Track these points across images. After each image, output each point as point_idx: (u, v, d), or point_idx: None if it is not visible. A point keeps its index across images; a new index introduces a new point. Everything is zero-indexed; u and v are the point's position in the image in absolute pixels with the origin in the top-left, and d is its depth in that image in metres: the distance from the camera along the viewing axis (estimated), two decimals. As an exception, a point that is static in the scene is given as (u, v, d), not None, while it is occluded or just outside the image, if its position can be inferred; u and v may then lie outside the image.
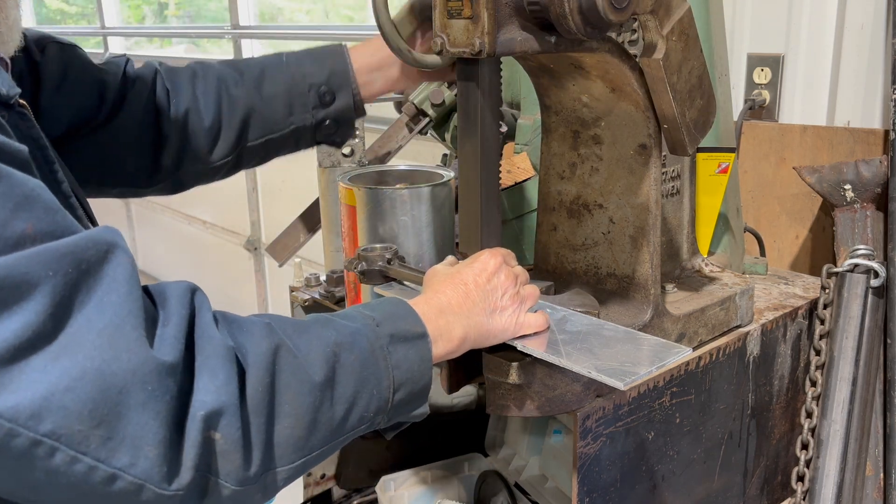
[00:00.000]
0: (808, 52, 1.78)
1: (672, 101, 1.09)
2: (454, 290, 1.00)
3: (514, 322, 1.01)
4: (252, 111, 1.28)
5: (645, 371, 0.93)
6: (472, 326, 0.98)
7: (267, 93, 1.28)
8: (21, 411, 0.64)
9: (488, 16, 0.94)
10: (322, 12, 4.02)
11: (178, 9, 5.02)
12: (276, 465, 0.79)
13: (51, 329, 0.66)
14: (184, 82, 1.28)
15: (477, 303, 0.99)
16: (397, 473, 1.71)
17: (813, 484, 1.38)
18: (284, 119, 1.29)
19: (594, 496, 1.12)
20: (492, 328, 1.00)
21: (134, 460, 0.69)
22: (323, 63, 1.29)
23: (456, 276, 1.02)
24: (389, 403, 0.89)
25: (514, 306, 1.02)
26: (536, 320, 1.03)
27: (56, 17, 6.48)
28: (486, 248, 1.07)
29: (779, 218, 1.84)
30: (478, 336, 0.99)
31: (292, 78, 1.28)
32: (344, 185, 1.31)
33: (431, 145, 2.48)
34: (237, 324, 0.82)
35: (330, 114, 1.30)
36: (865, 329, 1.42)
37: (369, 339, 0.88)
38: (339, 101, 1.29)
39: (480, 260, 1.03)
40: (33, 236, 0.67)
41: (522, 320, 1.02)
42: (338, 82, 1.28)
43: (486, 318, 1.00)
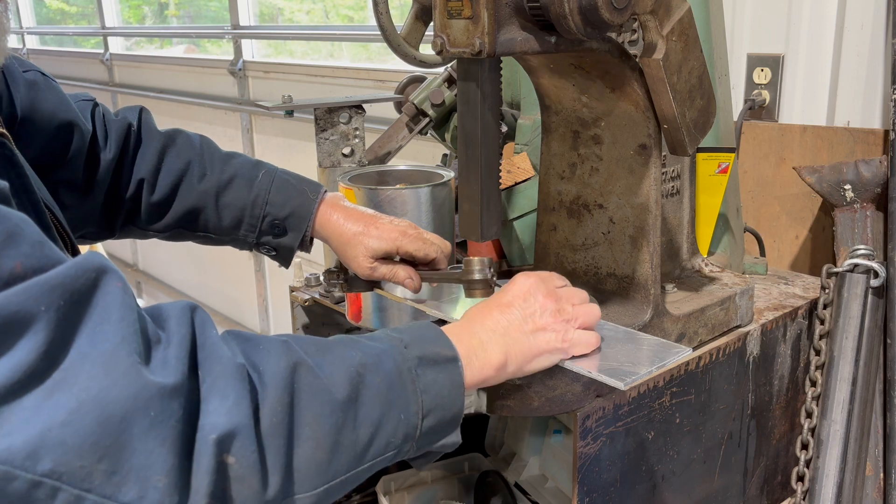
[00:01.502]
0: (808, 52, 1.79)
1: (672, 101, 1.09)
2: (489, 312, 0.96)
3: (561, 340, 0.97)
4: (201, 209, 1.25)
5: (645, 371, 0.93)
6: (512, 346, 0.94)
7: (223, 202, 1.25)
8: (15, 452, 0.60)
9: (488, 16, 0.94)
10: (322, 12, 4.02)
11: (178, 9, 5.02)
12: (296, 492, 0.75)
13: (44, 366, 0.62)
14: (153, 151, 1.26)
15: (514, 322, 0.95)
16: (397, 473, 1.71)
17: (813, 484, 1.38)
18: (229, 230, 1.26)
19: (594, 496, 1.12)
20: (535, 347, 0.95)
21: (143, 493, 0.64)
22: (288, 201, 1.24)
23: (490, 301, 0.99)
24: (418, 430, 0.85)
25: (559, 323, 0.97)
26: (588, 338, 0.99)
27: (56, 17, 6.48)
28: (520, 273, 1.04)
29: (779, 218, 1.84)
30: (521, 358, 0.95)
31: (253, 200, 1.24)
32: (344, 185, 1.31)
33: (431, 145, 2.48)
34: (252, 342, 0.78)
35: (272, 242, 1.26)
36: (865, 329, 1.42)
37: (396, 361, 0.84)
38: (287, 238, 1.25)
39: (513, 282, 1.00)
40: (23, 274, 0.64)
41: (571, 337, 0.98)
42: (294, 223, 1.24)
43: (527, 336, 0.95)
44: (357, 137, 1.50)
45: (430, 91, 1.59)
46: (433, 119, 1.61)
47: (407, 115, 1.63)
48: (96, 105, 1.31)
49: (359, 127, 1.49)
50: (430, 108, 1.60)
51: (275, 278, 4.15)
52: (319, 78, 3.43)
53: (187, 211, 1.25)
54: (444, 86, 1.59)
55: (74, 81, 5.60)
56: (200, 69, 4.28)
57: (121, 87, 5.09)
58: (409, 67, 1.55)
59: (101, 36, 5.24)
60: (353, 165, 1.50)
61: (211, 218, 1.26)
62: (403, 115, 1.64)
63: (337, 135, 1.48)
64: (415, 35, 1.51)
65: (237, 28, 3.89)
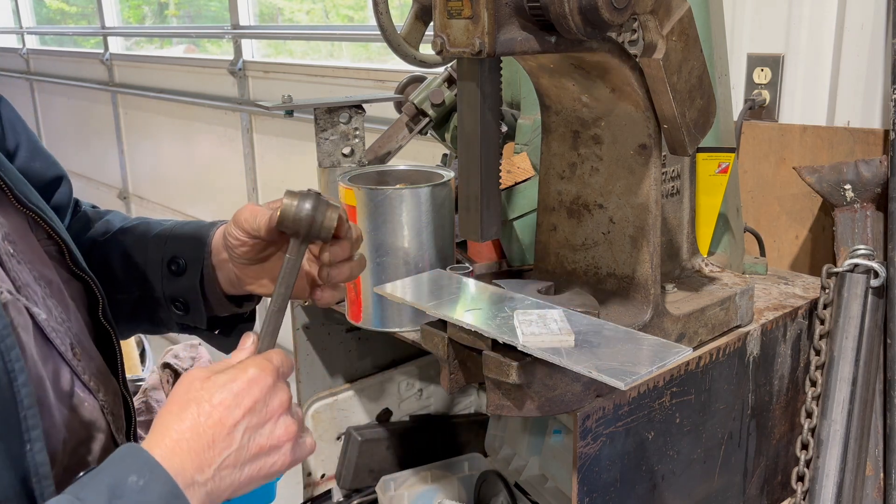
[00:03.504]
0: (808, 52, 1.78)
1: (672, 101, 1.09)
2: (200, 451, 0.77)
3: (291, 461, 0.82)
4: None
5: (645, 371, 0.93)
6: (218, 491, 0.77)
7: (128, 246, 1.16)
8: None
9: (488, 16, 0.94)
10: (322, 12, 4.02)
11: (178, 9, 5.02)
12: None
13: None
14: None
15: (231, 454, 0.78)
16: (397, 473, 1.71)
17: (813, 484, 1.38)
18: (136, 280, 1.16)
19: (594, 496, 1.12)
20: (253, 476, 0.80)
21: None
22: (188, 232, 1.15)
23: (202, 402, 0.78)
24: None
25: (290, 442, 0.82)
26: (311, 448, 0.86)
27: (56, 17, 6.48)
28: (255, 355, 0.85)
29: (779, 218, 1.84)
30: (220, 499, 0.79)
31: (155, 236, 1.16)
32: (344, 185, 1.31)
33: (431, 145, 2.48)
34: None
35: (175, 287, 1.13)
36: (865, 329, 1.42)
37: None
38: (188, 275, 1.12)
39: (242, 378, 0.80)
40: None
41: (298, 455, 0.83)
42: (193, 252, 1.12)
43: (245, 467, 0.79)
44: (357, 137, 1.50)
45: (430, 91, 1.59)
46: (433, 119, 1.61)
47: (407, 115, 1.63)
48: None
49: (359, 127, 1.49)
50: (430, 108, 1.60)
51: (275, 278, 4.15)
52: (319, 78, 3.43)
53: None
54: (444, 86, 1.59)
55: (74, 81, 5.60)
56: (200, 69, 4.28)
57: (121, 87, 5.08)
58: (409, 67, 1.55)
59: (101, 36, 5.24)
60: (353, 165, 1.50)
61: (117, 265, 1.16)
62: (403, 115, 1.64)
63: (337, 135, 1.48)
64: (415, 35, 1.51)
65: (237, 28, 3.89)
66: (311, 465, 1.73)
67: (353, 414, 1.75)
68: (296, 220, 0.93)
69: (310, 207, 0.93)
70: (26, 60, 6.37)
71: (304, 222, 0.93)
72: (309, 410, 1.68)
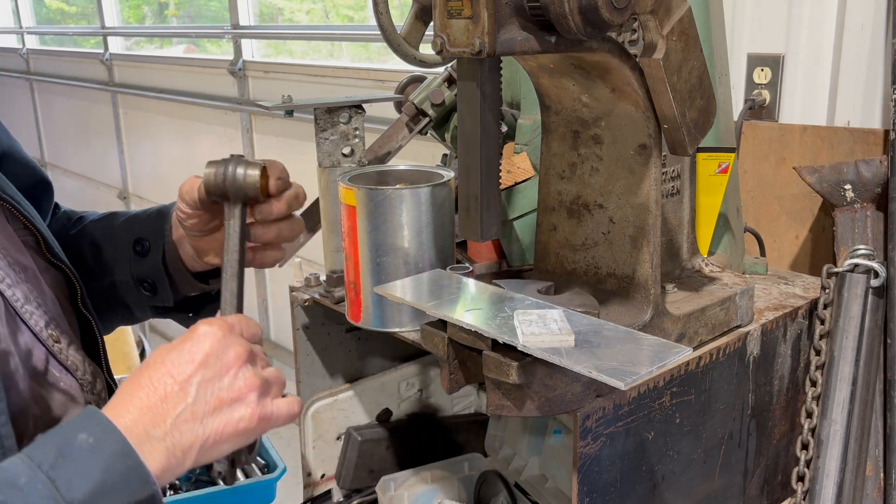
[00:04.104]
0: (808, 52, 1.78)
1: (672, 101, 1.09)
2: (154, 405, 0.76)
3: (258, 418, 0.80)
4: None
5: (645, 371, 0.93)
6: (177, 446, 0.76)
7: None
8: None
9: (488, 16, 0.94)
10: (322, 12, 4.02)
11: (178, 9, 5.02)
12: None
13: None
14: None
15: (187, 408, 0.77)
16: (397, 473, 1.71)
17: (813, 484, 1.38)
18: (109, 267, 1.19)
19: (594, 496, 1.12)
20: (217, 433, 0.78)
21: None
22: (151, 212, 1.20)
23: (156, 366, 0.79)
24: None
25: (254, 393, 0.80)
26: (289, 407, 0.83)
27: (56, 17, 6.48)
28: (210, 319, 0.83)
29: (779, 218, 1.84)
30: (193, 454, 0.77)
31: (123, 223, 1.21)
32: (344, 185, 1.31)
33: (431, 145, 2.48)
34: None
35: (142, 268, 1.15)
36: (865, 329, 1.42)
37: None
38: (151, 255, 1.15)
39: (192, 337, 0.80)
40: None
41: (270, 411, 0.81)
42: (155, 232, 1.16)
43: (206, 421, 0.77)
44: (357, 137, 1.49)
45: (430, 91, 1.59)
46: (433, 119, 1.61)
47: (407, 115, 1.62)
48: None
49: (359, 127, 1.49)
50: (430, 108, 1.60)
51: (275, 278, 4.16)
52: (319, 78, 3.43)
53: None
54: (444, 86, 1.59)
55: (74, 81, 5.60)
56: (200, 69, 4.28)
57: (121, 87, 5.09)
58: (409, 67, 1.55)
59: (101, 36, 5.24)
60: (353, 165, 1.50)
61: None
62: (403, 115, 1.64)
63: (337, 135, 1.48)
64: (415, 35, 1.51)
65: (237, 28, 3.89)
66: (311, 465, 1.73)
67: (353, 414, 1.75)
68: (217, 185, 0.97)
69: (229, 171, 0.98)
70: (26, 60, 6.37)
71: (227, 183, 0.97)
72: (309, 410, 1.68)
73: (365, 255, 1.30)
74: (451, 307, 1.11)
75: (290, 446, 3.95)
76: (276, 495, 2.03)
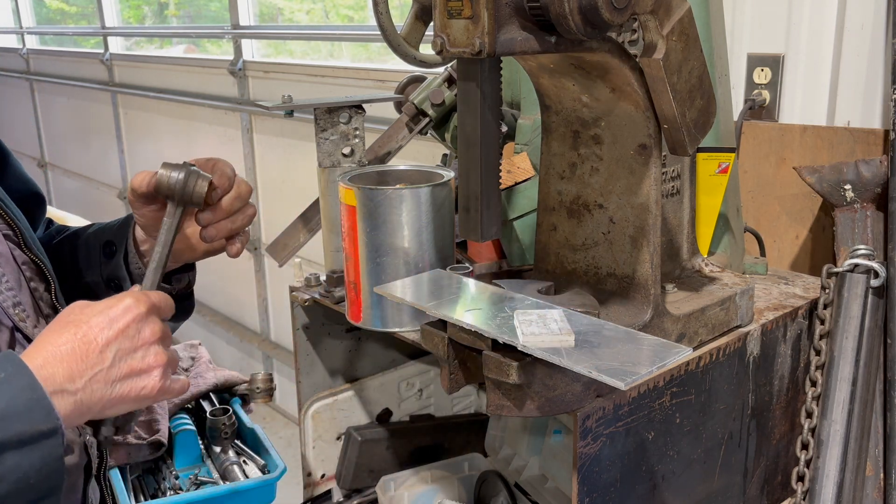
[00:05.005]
0: (808, 52, 1.78)
1: (672, 101, 1.09)
2: (74, 356, 0.84)
3: (159, 390, 0.89)
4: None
5: (645, 371, 0.93)
6: (86, 402, 0.84)
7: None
8: None
9: (488, 16, 0.94)
10: (322, 12, 4.02)
11: (178, 9, 5.03)
12: None
13: None
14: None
15: (102, 370, 0.85)
16: (397, 473, 1.71)
17: (813, 484, 1.38)
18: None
19: (594, 496, 1.12)
20: (119, 397, 0.87)
21: None
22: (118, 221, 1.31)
23: (80, 324, 0.86)
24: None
25: (159, 369, 0.89)
26: (182, 386, 0.94)
27: (56, 17, 6.48)
28: (134, 292, 0.93)
29: (779, 218, 1.84)
30: (91, 412, 0.85)
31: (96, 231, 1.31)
32: (344, 185, 1.31)
33: (431, 145, 2.48)
34: None
35: (109, 268, 1.25)
36: (865, 329, 1.42)
37: None
38: (117, 256, 1.26)
39: (119, 306, 0.89)
40: None
41: (168, 385, 0.90)
42: (120, 233, 1.27)
43: (114, 385, 0.86)
44: (357, 137, 1.49)
45: (430, 91, 1.59)
46: (433, 119, 1.61)
47: (407, 115, 1.62)
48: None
49: (359, 127, 1.49)
50: (430, 108, 1.60)
51: (275, 278, 4.16)
52: (319, 78, 3.43)
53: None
54: (444, 86, 1.59)
55: (74, 81, 5.60)
56: (200, 69, 4.28)
57: (121, 87, 5.09)
58: (409, 67, 1.55)
59: (101, 36, 5.24)
60: (353, 165, 1.50)
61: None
62: (403, 115, 1.64)
63: (337, 135, 1.48)
64: (415, 35, 1.51)
65: (237, 28, 3.89)
66: (311, 465, 1.73)
67: (353, 414, 1.75)
68: (169, 187, 1.09)
69: (182, 177, 1.09)
70: (26, 60, 6.38)
71: (176, 189, 1.09)
72: (309, 410, 1.68)
73: (365, 255, 1.30)
74: (451, 307, 1.11)
75: (290, 446, 3.95)
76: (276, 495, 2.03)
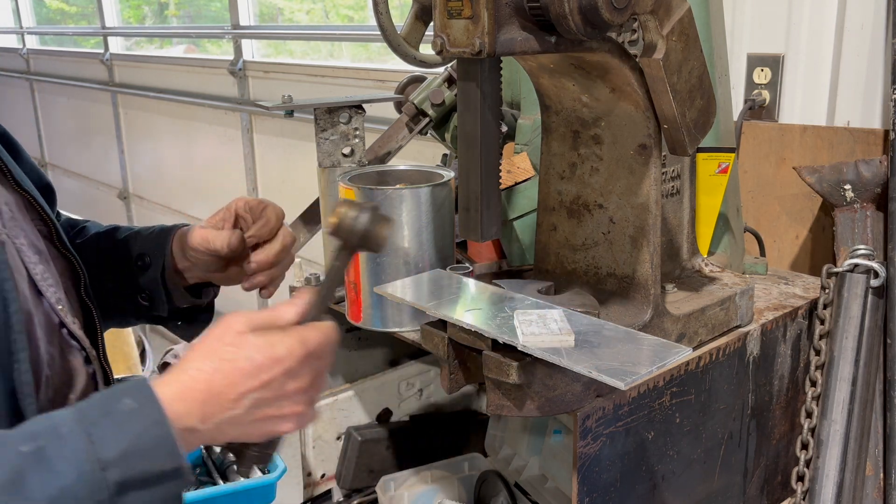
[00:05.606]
0: (808, 52, 1.78)
1: (672, 101, 1.09)
2: (229, 387, 0.80)
3: (290, 431, 0.86)
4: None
5: (645, 371, 0.93)
6: (224, 434, 0.82)
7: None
8: None
9: (488, 16, 0.94)
10: (322, 12, 4.02)
11: (178, 9, 5.03)
12: None
13: None
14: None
15: (250, 408, 0.81)
16: (397, 473, 1.71)
17: (813, 484, 1.38)
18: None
19: (594, 496, 1.12)
20: (256, 434, 0.84)
21: None
22: (153, 231, 1.29)
23: (224, 361, 0.81)
24: None
25: (297, 417, 0.85)
26: (313, 415, 0.89)
27: (56, 17, 6.48)
28: (293, 330, 0.85)
29: (779, 218, 1.84)
30: (227, 438, 0.84)
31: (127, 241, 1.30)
32: (344, 185, 1.31)
33: (431, 145, 2.48)
34: None
35: (144, 281, 1.24)
36: (865, 329, 1.42)
37: (80, 499, 0.70)
38: (152, 269, 1.24)
39: (270, 353, 0.82)
40: None
41: (302, 426, 0.86)
42: (156, 247, 1.25)
43: (258, 424, 0.83)
44: (357, 137, 1.49)
45: (430, 91, 1.59)
46: (433, 119, 1.61)
47: (407, 115, 1.63)
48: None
49: (359, 127, 1.49)
50: (430, 108, 1.60)
51: (275, 278, 4.14)
52: (319, 78, 3.43)
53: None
54: (444, 86, 1.59)
55: (74, 81, 5.60)
56: (200, 69, 4.28)
57: (121, 87, 5.09)
58: (409, 67, 1.55)
59: (101, 36, 5.24)
60: (353, 165, 1.50)
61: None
62: (403, 115, 1.64)
63: (337, 135, 1.48)
64: (415, 35, 1.51)
65: (237, 28, 3.88)
66: (311, 465, 1.73)
67: (353, 414, 1.75)
68: (350, 232, 0.93)
69: (366, 221, 0.93)
70: (26, 60, 6.37)
71: (357, 234, 0.93)
72: (309, 410, 1.68)
73: (365, 255, 1.30)
74: (451, 307, 1.11)
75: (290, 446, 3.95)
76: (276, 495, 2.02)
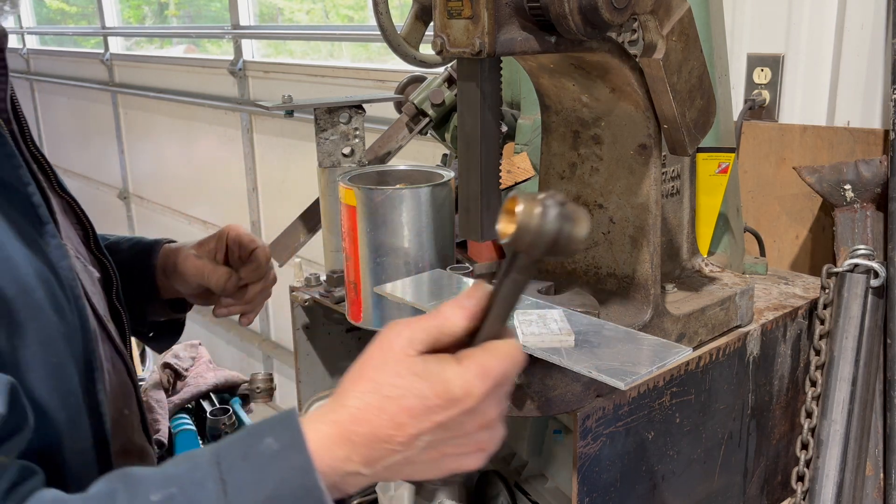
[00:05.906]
0: (808, 52, 1.78)
1: (672, 101, 1.09)
2: (372, 428, 0.69)
3: (471, 466, 0.74)
4: None
5: (645, 371, 0.93)
6: (395, 475, 0.72)
7: None
8: None
9: (488, 16, 0.94)
10: (322, 12, 4.02)
11: (178, 9, 5.03)
12: None
13: None
14: None
15: (429, 445, 0.70)
16: (397, 473, 1.71)
17: (813, 484, 1.38)
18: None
19: (594, 496, 1.12)
20: (429, 474, 0.73)
21: None
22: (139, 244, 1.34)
23: (390, 399, 0.69)
24: None
25: (477, 454, 0.73)
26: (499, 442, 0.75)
27: (56, 17, 6.48)
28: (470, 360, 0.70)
29: (779, 218, 1.84)
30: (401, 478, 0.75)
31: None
32: (344, 185, 1.31)
33: (431, 145, 2.48)
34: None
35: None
36: (865, 329, 1.42)
37: None
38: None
39: (443, 391, 0.69)
40: None
41: (483, 459, 0.74)
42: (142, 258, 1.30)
43: (433, 464, 0.72)
44: (357, 137, 1.49)
45: (430, 91, 1.59)
46: (433, 119, 1.61)
47: (407, 115, 1.63)
48: None
49: (359, 127, 1.49)
50: (430, 108, 1.60)
51: (275, 278, 4.15)
52: (319, 78, 3.43)
53: None
54: (444, 86, 1.59)
55: (74, 81, 5.60)
56: (200, 69, 4.28)
57: (121, 87, 5.09)
58: (409, 67, 1.55)
59: (101, 36, 5.24)
60: (353, 165, 1.50)
61: None
62: (403, 115, 1.64)
63: (337, 135, 1.48)
64: (415, 35, 1.51)
65: (237, 28, 3.89)
66: (311, 465, 1.73)
67: (353, 414, 1.75)
68: (538, 235, 0.67)
69: (556, 223, 0.68)
70: (26, 60, 6.38)
71: (545, 240, 0.68)
72: (309, 410, 1.68)
73: (365, 255, 1.30)
74: (451, 307, 1.11)
75: (290, 446, 3.95)
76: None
